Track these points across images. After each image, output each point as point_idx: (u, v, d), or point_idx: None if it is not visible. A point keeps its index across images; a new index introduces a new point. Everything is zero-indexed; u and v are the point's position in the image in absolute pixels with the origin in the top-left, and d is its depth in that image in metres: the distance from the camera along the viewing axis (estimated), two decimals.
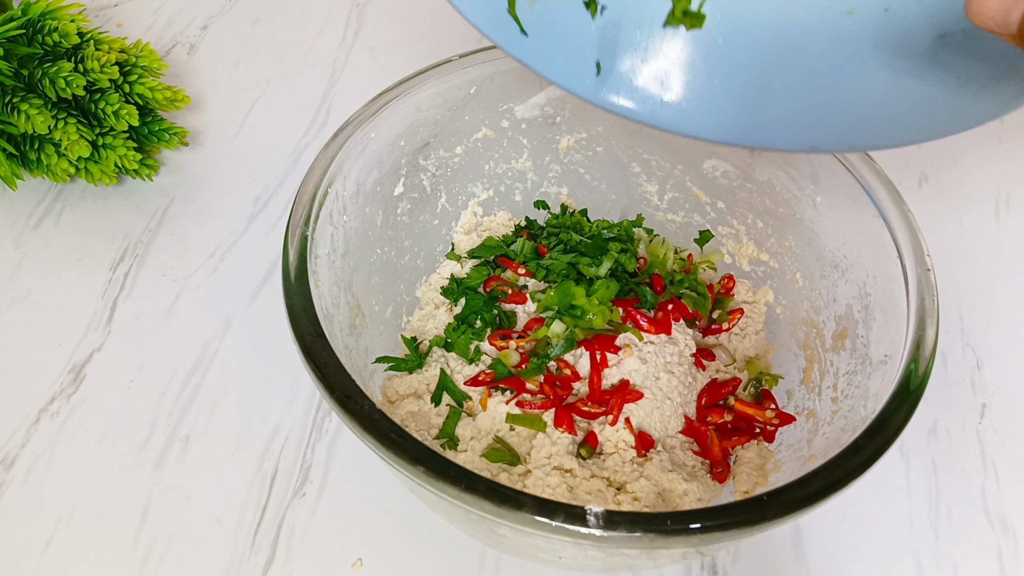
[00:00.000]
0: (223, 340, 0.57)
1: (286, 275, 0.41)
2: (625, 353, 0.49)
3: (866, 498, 0.52)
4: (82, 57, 0.59)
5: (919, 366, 0.39)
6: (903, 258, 0.44)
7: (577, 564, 0.42)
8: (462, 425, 0.49)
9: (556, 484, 0.44)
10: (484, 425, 0.48)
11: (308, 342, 0.39)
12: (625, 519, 0.33)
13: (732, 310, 0.55)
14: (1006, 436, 0.55)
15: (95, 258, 0.62)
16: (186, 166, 0.68)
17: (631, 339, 0.50)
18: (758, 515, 0.34)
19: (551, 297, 0.50)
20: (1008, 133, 0.74)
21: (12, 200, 0.64)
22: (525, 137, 0.57)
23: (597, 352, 0.49)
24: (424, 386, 0.51)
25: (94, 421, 0.53)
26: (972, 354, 0.59)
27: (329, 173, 0.46)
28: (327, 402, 0.37)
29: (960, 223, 0.67)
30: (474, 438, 0.48)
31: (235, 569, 0.48)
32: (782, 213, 0.54)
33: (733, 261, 0.58)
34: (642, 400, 0.48)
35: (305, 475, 0.52)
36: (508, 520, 0.33)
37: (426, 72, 0.51)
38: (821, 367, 0.49)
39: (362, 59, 0.77)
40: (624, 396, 0.48)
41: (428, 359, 0.52)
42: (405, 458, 0.35)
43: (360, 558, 0.48)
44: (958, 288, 0.63)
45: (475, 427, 0.48)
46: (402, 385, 0.51)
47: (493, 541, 0.43)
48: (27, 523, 0.49)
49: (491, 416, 0.48)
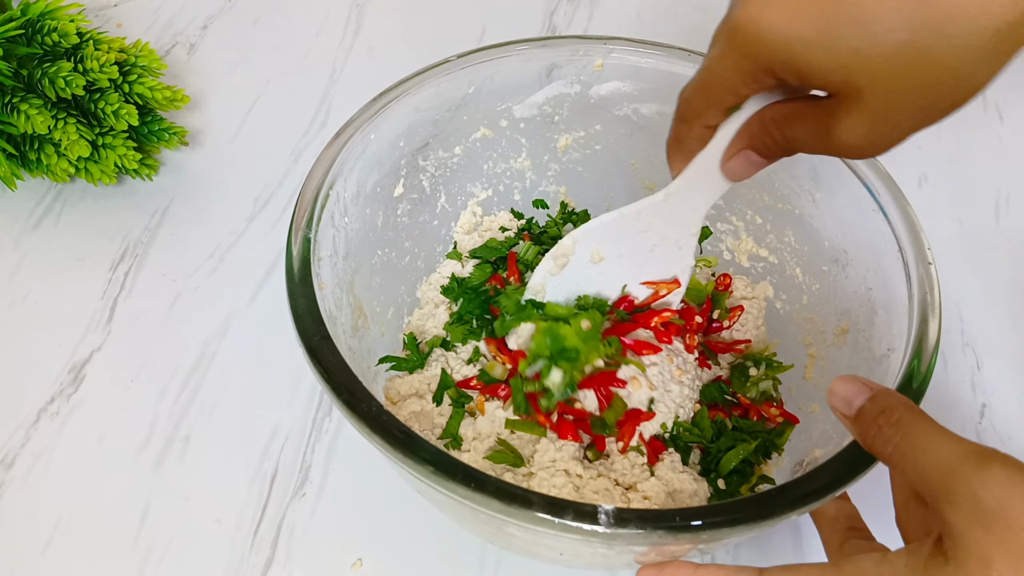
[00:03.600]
0: (223, 340, 0.57)
1: (290, 277, 0.41)
2: (633, 387, 0.47)
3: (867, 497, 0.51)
4: (81, 57, 0.59)
5: (922, 362, 0.39)
6: (904, 252, 0.44)
7: (580, 562, 0.42)
8: (465, 425, 0.49)
9: (562, 484, 0.44)
10: (486, 426, 0.48)
11: (314, 344, 0.39)
12: (635, 516, 0.33)
13: (731, 307, 0.55)
14: (1006, 436, 0.55)
15: (95, 258, 0.61)
16: (186, 166, 0.68)
17: (635, 370, 0.47)
18: (766, 511, 0.34)
19: (541, 343, 0.46)
20: (1008, 133, 0.74)
21: (12, 200, 0.64)
22: (524, 136, 0.57)
23: (601, 388, 0.47)
24: (425, 386, 0.51)
25: (94, 421, 0.53)
26: (972, 354, 0.59)
27: (330, 175, 0.46)
28: (334, 404, 0.37)
29: (960, 223, 0.67)
30: (476, 438, 0.48)
31: (235, 569, 0.48)
32: (781, 209, 0.54)
33: (732, 257, 0.58)
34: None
35: (305, 475, 0.52)
36: (517, 519, 0.33)
37: (425, 72, 0.51)
38: (823, 362, 0.49)
39: (362, 59, 0.77)
40: (636, 423, 0.47)
41: (428, 359, 0.52)
42: (414, 458, 0.34)
43: (360, 558, 0.48)
44: (958, 288, 0.63)
45: (477, 428, 0.48)
46: (403, 386, 0.51)
47: (499, 539, 0.42)
48: (27, 523, 0.49)
49: (491, 418, 0.48)
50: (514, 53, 0.53)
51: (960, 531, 0.29)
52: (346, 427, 0.54)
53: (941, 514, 0.30)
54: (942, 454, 0.30)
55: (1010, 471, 0.28)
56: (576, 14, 0.82)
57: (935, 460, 0.30)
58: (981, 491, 0.28)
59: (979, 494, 0.28)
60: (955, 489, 0.29)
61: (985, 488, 0.28)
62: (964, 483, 0.29)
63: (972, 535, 0.28)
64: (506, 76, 0.54)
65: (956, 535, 0.29)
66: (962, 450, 0.30)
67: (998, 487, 0.28)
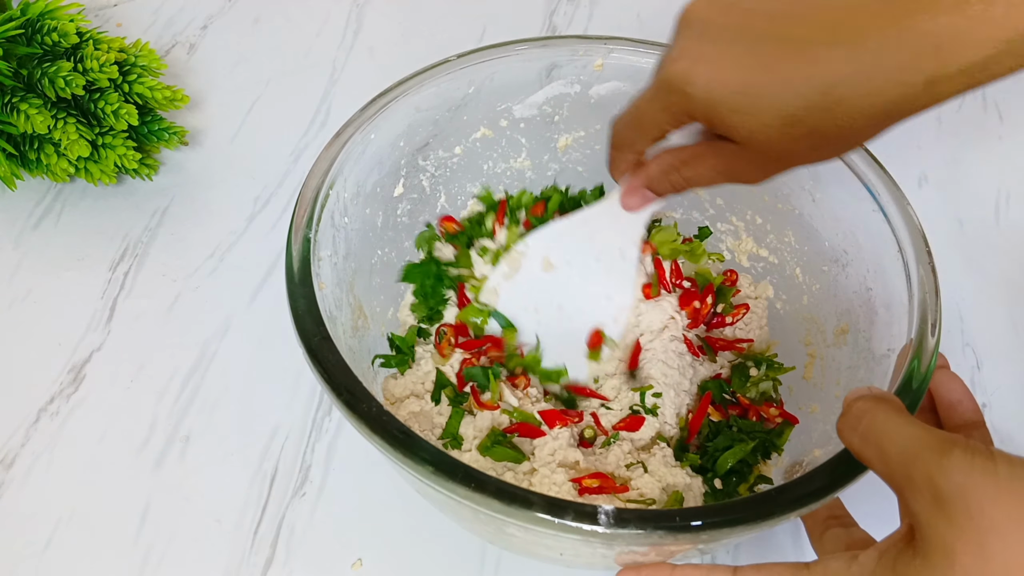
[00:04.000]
0: (223, 340, 0.57)
1: (290, 277, 0.41)
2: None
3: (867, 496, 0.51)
4: (81, 57, 0.59)
5: (921, 362, 0.39)
6: (904, 252, 0.44)
7: (580, 562, 0.42)
8: (465, 424, 0.49)
9: (562, 482, 0.44)
10: (485, 424, 0.48)
11: (314, 344, 0.39)
12: (635, 516, 0.33)
13: (736, 305, 0.55)
14: (1006, 436, 0.55)
15: (95, 258, 0.61)
16: (186, 166, 0.68)
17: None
18: (766, 511, 0.34)
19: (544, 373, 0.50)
20: (1008, 133, 0.74)
21: (12, 200, 0.64)
22: (523, 136, 0.57)
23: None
24: (421, 386, 0.51)
25: (94, 421, 0.53)
26: (972, 354, 0.59)
27: (330, 175, 0.46)
28: (334, 404, 0.37)
29: (960, 223, 0.67)
30: (476, 437, 0.48)
31: (235, 569, 0.48)
32: (781, 209, 0.54)
33: (733, 257, 0.58)
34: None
35: (305, 475, 0.52)
36: (517, 519, 0.33)
37: (425, 72, 0.51)
38: (823, 362, 0.49)
39: (362, 59, 0.77)
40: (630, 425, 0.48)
41: (419, 358, 0.52)
42: (414, 458, 0.35)
43: (360, 558, 0.48)
44: (958, 288, 0.63)
45: (478, 426, 0.48)
46: (398, 387, 0.51)
47: (499, 539, 0.43)
48: (27, 523, 0.49)
49: (491, 417, 0.48)
50: (514, 53, 0.53)
51: (924, 521, 0.29)
52: (346, 427, 0.54)
53: (907, 505, 0.30)
54: (905, 443, 0.30)
55: (970, 456, 0.28)
56: (576, 14, 0.82)
57: (898, 448, 0.30)
58: (941, 479, 0.28)
59: (939, 482, 0.28)
60: (915, 478, 0.29)
61: (945, 476, 0.28)
62: (924, 471, 0.29)
63: (934, 525, 0.28)
64: (506, 76, 0.54)
65: (922, 526, 0.29)
66: (925, 438, 0.30)
67: (958, 474, 0.28)
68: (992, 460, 0.28)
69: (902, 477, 0.30)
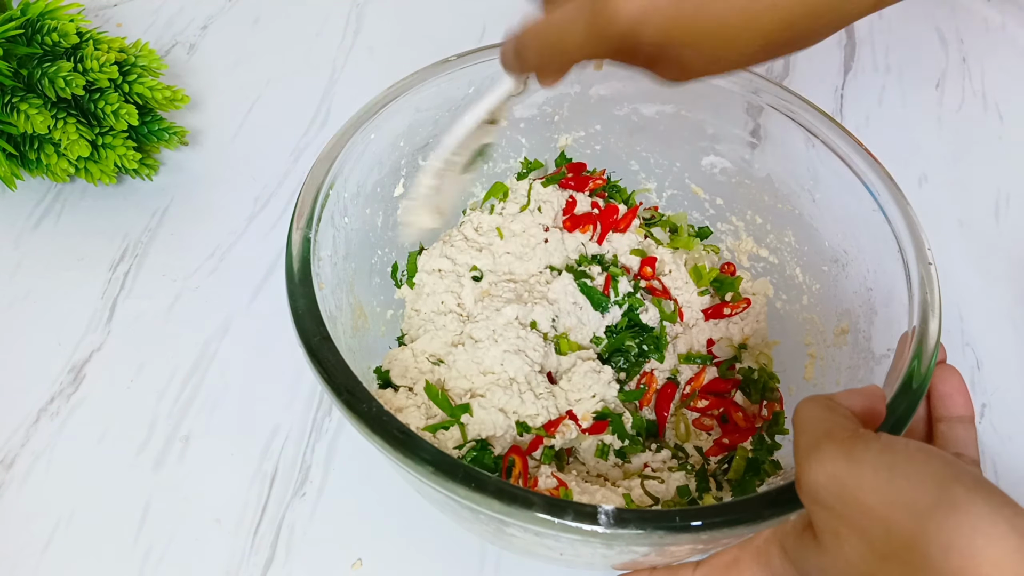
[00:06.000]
0: (223, 340, 0.57)
1: (290, 277, 0.41)
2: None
3: None
4: (81, 57, 0.59)
5: (922, 362, 0.39)
6: (904, 252, 0.44)
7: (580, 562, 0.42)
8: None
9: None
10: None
11: (314, 344, 0.39)
12: (635, 516, 0.33)
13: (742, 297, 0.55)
14: (1006, 436, 0.55)
15: (95, 258, 0.61)
16: (186, 166, 0.68)
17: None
18: (766, 511, 0.34)
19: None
20: (1008, 133, 0.74)
21: (12, 200, 0.64)
22: (524, 136, 0.57)
23: None
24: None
25: (94, 421, 0.53)
26: (972, 354, 0.59)
27: (330, 175, 0.46)
28: (334, 404, 0.37)
29: (960, 223, 0.67)
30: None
31: (235, 569, 0.48)
32: (781, 209, 0.54)
33: (733, 257, 0.58)
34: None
35: (305, 475, 0.52)
36: (517, 519, 0.33)
37: (425, 72, 0.51)
38: (823, 362, 0.49)
39: (362, 59, 0.77)
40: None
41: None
42: (414, 458, 0.35)
43: (360, 558, 0.48)
44: (958, 288, 0.63)
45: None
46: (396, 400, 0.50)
47: (500, 540, 0.43)
48: (27, 523, 0.49)
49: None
50: None
51: (809, 509, 0.31)
52: (346, 427, 0.54)
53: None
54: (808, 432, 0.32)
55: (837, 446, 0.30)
56: None
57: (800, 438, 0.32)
58: (816, 470, 0.30)
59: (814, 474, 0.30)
60: (799, 466, 0.31)
61: (820, 467, 0.30)
62: (805, 462, 0.30)
63: (817, 513, 0.30)
64: (506, 76, 0.53)
65: (812, 513, 0.31)
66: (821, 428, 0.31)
67: (830, 463, 0.29)
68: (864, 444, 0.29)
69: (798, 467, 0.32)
